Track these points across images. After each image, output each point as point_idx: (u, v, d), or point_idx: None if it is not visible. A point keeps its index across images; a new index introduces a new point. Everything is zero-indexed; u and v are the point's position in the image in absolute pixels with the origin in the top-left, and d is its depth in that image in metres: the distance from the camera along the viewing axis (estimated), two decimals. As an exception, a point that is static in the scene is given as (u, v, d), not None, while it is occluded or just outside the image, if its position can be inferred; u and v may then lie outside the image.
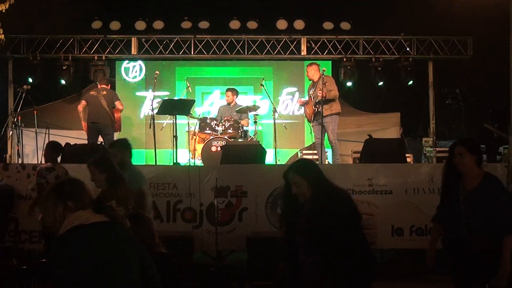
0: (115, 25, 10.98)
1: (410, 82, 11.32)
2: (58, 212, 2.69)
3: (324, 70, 8.73)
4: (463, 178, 3.94)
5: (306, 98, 9.30)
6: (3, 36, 8.46)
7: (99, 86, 9.72)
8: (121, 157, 5.36)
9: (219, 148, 8.43)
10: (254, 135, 9.44)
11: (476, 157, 3.92)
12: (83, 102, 9.47)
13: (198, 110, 10.79)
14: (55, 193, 2.74)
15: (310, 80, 8.90)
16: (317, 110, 8.46)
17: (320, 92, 8.28)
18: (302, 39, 11.24)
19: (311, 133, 9.13)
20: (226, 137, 8.80)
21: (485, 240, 3.79)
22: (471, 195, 3.88)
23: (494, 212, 3.80)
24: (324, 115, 8.32)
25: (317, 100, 8.44)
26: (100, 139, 9.39)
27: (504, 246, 3.74)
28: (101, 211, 2.75)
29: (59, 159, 6.47)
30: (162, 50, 11.14)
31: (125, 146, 5.55)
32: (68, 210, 2.69)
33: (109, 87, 9.77)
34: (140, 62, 11.42)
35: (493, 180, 3.95)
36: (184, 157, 9.37)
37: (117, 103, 9.49)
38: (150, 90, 10.30)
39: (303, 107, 9.33)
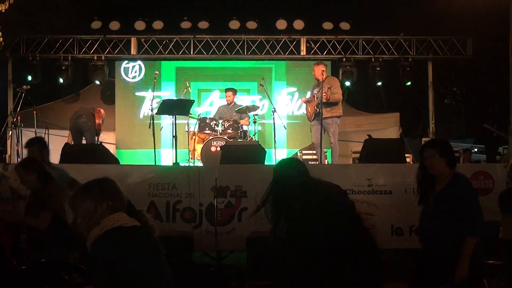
0: (114, 25, 10.99)
1: (409, 83, 11.33)
2: (99, 210, 2.68)
3: (324, 70, 8.75)
4: (437, 180, 3.90)
5: (308, 95, 9.31)
6: (1, 39, 8.47)
7: None
8: (40, 155, 5.33)
9: (218, 148, 8.44)
10: (253, 135, 9.44)
11: (447, 158, 3.86)
12: (69, 134, 9.74)
13: (198, 110, 10.80)
14: (97, 190, 2.74)
15: (316, 79, 8.86)
16: (318, 110, 8.47)
17: (324, 94, 8.30)
18: (302, 39, 11.25)
19: (310, 131, 9.14)
20: (225, 137, 8.80)
21: (454, 244, 3.71)
22: (439, 197, 3.84)
23: (460, 213, 3.73)
24: (325, 117, 8.36)
25: (319, 101, 8.45)
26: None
27: (463, 248, 3.67)
28: (134, 215, 2.76)
29: None
30: (162, 50, 11.15)
31: (42, 144, 5.58)
32: (109, 209, 2.69)
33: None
34: (139, 62, 11.42)
35: (461, 180, 3.88)
36: (182, 157, 9.38)
37: (99, 109, 9.94)
38: (150, 90, 10.31)
39: (304, 105, 9.32)
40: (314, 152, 9.23)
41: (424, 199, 4.00)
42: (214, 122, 9.10)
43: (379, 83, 11.39)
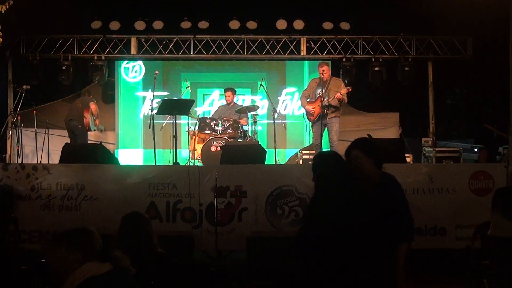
0: (114, 25, 10.99)
1: (409, 83, 11.33)
2: (66, 261, 2.64)
3: (324, 71, 8.75)
4: (364, 181, 3.81)
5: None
6: (0, 34, 8.46)
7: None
8: None
9: (218, 148, 8.44)
10: (253, 135, 9.44)
11: (373, 158, 3.78)
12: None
13: (198, 110, 10.84)
14: (66, 241, 2.69)
15: (325, 79, 8.68)
16: (326, 111, 8.47)
17: (339, 95, 8.32)
18: (302, 39, 11.25)
19: (308, 132, 9.12)
20: (225, 137, 8.81)
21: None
22: (367, 197, 3.72)
23: (391, 213, 3.65)
24: (330, 117, 8.47)
25: (328, 103, 8.44)
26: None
27: (398, 254, 3.61)
28: (107, 260, 2.71)
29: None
30: (162, 50, 11.14)
31: None
32: (76, 261, 2.64)
33: (91, 97, 10.32)
34: (139, 62, 11.43)
35: (390, 180, 3.84)
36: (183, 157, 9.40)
37: (90, 103, 9.93)
38: (150, 90, 10.31)
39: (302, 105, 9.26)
40: (314, 152, 9.22)
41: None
42: (214, 122, 9.09)
43: (379, 83, 11.38)
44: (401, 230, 3.67)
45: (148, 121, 9.11)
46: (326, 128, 8.61)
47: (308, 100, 8.78)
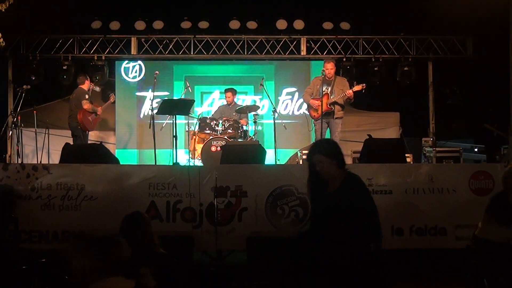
0: (114, 25, 11.00)
1: (409, 82, 11.33)
2: (89, 268, 2.57)
3: (323, 71, 8.73)
4: (329, 182, 3.83)
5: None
6: (1, 39, 8.47)
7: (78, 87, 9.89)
8: None
9: (218, 148, 8.45)
10: (253, 135, 9.44)
11: (336, 160, 3.79)
12: None
13: (198, 110, 10.82)
14: (92, 248, 2.63)
15: (330, 77, 8.64)
16: (332, 109, 8.48)
17: (349, 92, 8.32)
18: (302, 39, 11.26)
19: (310, 130, 9.09)
20: (225, 137, 8.81)
21: (349, 251, 3.60)
22: (332, 197, 3.77)
23: (356, 215, 3.64)
24: (336, 116, 8.47)
25: (335, 100, 8.44)
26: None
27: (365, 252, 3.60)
28: (131, 276, 2.64)
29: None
30: (162, 50, 11.16)
31: None
32: (97, 272, 2.57)
33: (85, 84, 9.78)
34: (140, 62, 11.43)
35: (354, 181, 3.83)
36: (183, 157, 9.40)
37: (83, 103, 9.53)
38: (150, 90, 10.31)
39: (305, 105, 9.22)
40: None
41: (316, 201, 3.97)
42: (214, 122, 9.10)
43: (379, 83, 11.39)
44: (366, 229, 3.66)
45: (148, 121, 9.11)
46: (328, 127, 8.61)
47: (312, 97, 8.78)
